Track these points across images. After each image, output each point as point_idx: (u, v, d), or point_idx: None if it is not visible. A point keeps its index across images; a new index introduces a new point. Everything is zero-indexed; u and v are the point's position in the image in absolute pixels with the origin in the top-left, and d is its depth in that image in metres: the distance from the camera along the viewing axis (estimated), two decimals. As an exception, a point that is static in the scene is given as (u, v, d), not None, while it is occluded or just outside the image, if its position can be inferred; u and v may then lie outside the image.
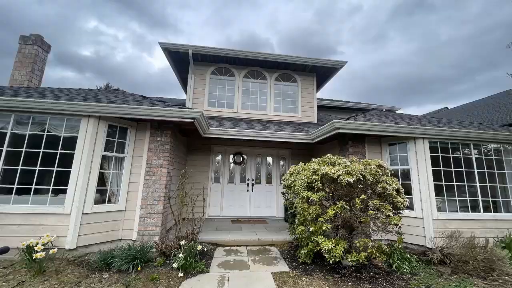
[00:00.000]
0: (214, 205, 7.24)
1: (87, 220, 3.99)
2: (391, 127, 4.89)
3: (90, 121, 4.19)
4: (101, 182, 4.30)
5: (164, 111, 4.41)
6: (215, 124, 6.24)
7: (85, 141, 4.10)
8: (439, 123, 5.74)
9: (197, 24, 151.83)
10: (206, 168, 7.29)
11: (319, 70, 8.40)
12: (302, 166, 4.33)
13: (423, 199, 4.71)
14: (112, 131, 4.49)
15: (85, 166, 4.03)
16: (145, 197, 4.55)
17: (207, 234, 5.10)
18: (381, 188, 3.61)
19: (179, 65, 8.14)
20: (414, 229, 4.68)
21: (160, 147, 4.75)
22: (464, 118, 9.60)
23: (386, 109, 10.68)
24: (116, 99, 5.06)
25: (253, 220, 6.97)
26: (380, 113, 6.97)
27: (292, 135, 6.11)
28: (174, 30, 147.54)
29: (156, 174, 4.64)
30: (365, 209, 3.61)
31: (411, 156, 4.99)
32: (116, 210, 4.38)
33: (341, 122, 4.81)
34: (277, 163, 7.88)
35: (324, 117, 9.55)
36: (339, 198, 3.71)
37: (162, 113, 4.41)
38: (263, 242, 4.95)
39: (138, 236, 4.39)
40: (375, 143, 5.38)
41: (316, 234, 3.57)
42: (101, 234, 4.16)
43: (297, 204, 3.82)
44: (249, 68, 8.30)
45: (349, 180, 3.45)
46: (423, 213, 4.65)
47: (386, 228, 3.54)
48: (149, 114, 4.38)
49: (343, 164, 3.84)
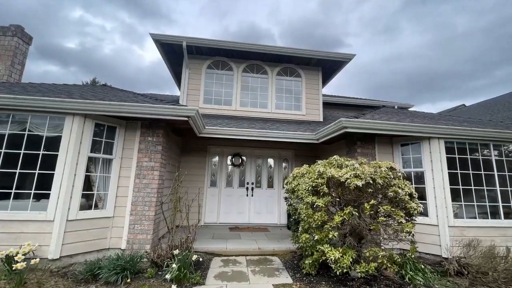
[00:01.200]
0: (210, 211, 7.24)
1: (71, 228, 3.99)
2: (404, 126, 4.90)
3: (75, 120, 4.19)
4: (87, 186, 4.30)
5: (156, 108, 4.41)
6: (211, 123, 6.25)
7: (70, 141, 4.10)
8: (455, 122, 5.74)
9: (192, 14, 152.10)
10: (201, 171, 7.30)
11: (325, 64, 8.41)
12: (307, 169, 4.33)
13: (438, 204, 4.71)
14: (99, 131, 4.49)
15: (70, 168, 4.03)
16: (135, 202, 4.55)
17: (203, 243, 5.10)
18: (392, 193, 3.60)
19: (172, 58, 8.15)
20: (429, 237, 4.68)
21: (151, 148, 4.75)
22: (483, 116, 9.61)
23: (398, 107, 10.68)
24: (103, 95, 5.06)
25: (253, 228, 6.97)
26: (391, 110, 6.98)
27: (295, 134, 6.12)
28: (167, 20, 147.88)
29: (147, 177, 4.64)
30: (375, 215, 3.61)
31: (425, 158, 4.99)
32: (103, 217, 4.38)
33: (349, 121, 4.81)
34: (279, 165, 7.88)
35: (330, 115, 9.56)
36: (347, 203, 3.70)
37: (154, 110, 4.41)
38: (264, 251, 4.95)
39: (127, 244, 4.39)
40: (386, 144, 5.38)
41: (321, 242, 3.57)
42: (87, 243, 4.16)
43: (301, 210, 3.81)
44: (248, 62, 8.31)
45: (357, 184, 3.45)
46: (439, 220, 4.65)
47: (398, 236, 3.54)
48: (139, 112, 4.38)
49: (351, 167, 3.84)
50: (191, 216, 4.77)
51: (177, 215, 4.57)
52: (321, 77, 8.64)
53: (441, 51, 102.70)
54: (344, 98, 11.89)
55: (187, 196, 4.90)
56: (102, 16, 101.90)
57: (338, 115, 9.60)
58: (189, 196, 4.96)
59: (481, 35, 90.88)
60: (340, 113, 10.33)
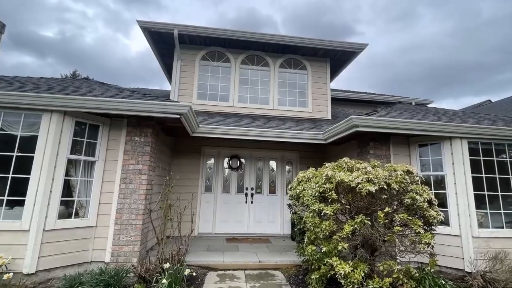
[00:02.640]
0: (205, 219, 7.24)
1: (49, 239, 3.99)
2: (422, 124, 4.90)
3: (53, 117, 4.19)
4: (67, 192, 4.30)
5: (144, 105, 4.42)
6: (206, 121, 6.25)
7: (47, 142, 4.10)
8: (480, 120, 5.75)
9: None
10: (195, 175, 7.30)
11: (334, 55, 8.43)
12: (313, 172, 4.33)
13: (460, 212, 4.71)
14: (80, 130, 4.50)
15: (47, 172, 4.03)
16: (121, 210, 4.55)
17: (197, 255, 5.10)
18: (409, 199, 3.61)
19: (162, 48, 8.17)
20: (450, 249, 4.68)
21: (139, 149, 4.76)
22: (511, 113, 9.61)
23: (415, 103, 10.70)
24: (85, 90, 5.07)
25: (252, 238, 6.97)
26: (408, 107, 6.99)
27: (300, 134, 6.13)
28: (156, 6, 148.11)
29: (134, 182, 4.65)
30: (389, 224, 3.61)
31: (446, 160, 5.00)
32: (85, 226, 4.38)
33: (360, 119, 4.81)
34: (282, 168, 7.88)
35: (339, 112, 9.57)
36: (358, 211, 3.70)
37: (142, 107, 4.42)
38: (265, 265, 4.95)
39: (112, 257, 4.39)
40: (402, 144, 5.38)
41: (329, 255, 3.57)
42: (67, 256, 4.15)
43: (307, 219, 3.82)
44: (248, 53, 8.32)
45: (370, 190, 3.45)
46: (461, 230, 4.65)
47: (416, 248, 3.54)
48: (125, 108, 4.38)
49: (363, 170, 3.84)
50: (184, 225, 4.76)
51: (168, 224, 4.56)
52: (329, 69, 8.65)
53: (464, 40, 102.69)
54: (355, 93, 11.90)
55: (178, 203, 4.89)
56: (84, 0, 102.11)
57: (349, 112, 9.61)
58: (181, 203, 4.96)
59: (508, 22, 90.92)
60: (350, 110, 10.33)
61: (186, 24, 7.43)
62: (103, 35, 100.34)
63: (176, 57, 7.87)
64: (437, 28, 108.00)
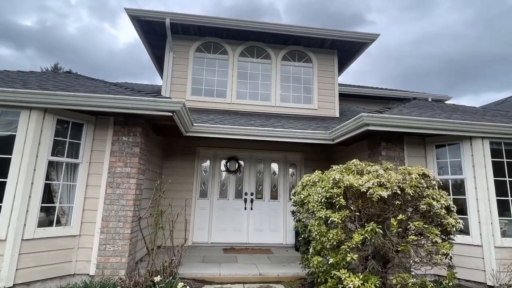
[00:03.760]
0: (200, 228, 7.25)
1: (28, 249, 3.99)
2: (440, 123, 4.91)
3: (33, 115, 4.20)
4: (48, 198, 4.30)
5: (132, 101, 4.42)
6: (201, 119, 6.26)
7: (26, 142, 4.10)
8: (504, 118, 5.75)
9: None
10: (189, 179, 7.31)
11: (342, 46, 8.44)
12: (319, 176, 4.33)
13: (482, 220, 4.71)
14: (63, 129, 4.50)
15: (26, 175, 4.03)
16: (107, 217, 4.55)
17: (191, 267, 5.10)
18: (425, 205, 3.61)
19: (152, 39, 8.18)
20: (470, 261, 4.67)
21: (127, 150, 4.76)
22: (538, 110, 9.61)
23: (432, 99, 10.69)
24: (67, 85, 5.08)
25: (252, 249, 6.98)
26: (424, 104, 7.00)
27: (305, 133, 6.13)
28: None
29: (121, 186, 4.65)
30: (403, 233, 3.61)
31: (465, 162, 5.00)
32: (67, 235, 4.38)
33: (371, 116, 4.82)
34: (285, 171, 7.89)
35: (348, 109, 9.58)
36: (369, 218, 3.71)
37: (130, 104, 4.42)
38: (266, 278, 4.95)
39: (97, 269, 4.38)
40: (417, 145, 5.39)
41: (337, 267, 3.57)
42: (48, 268, 4.15)
43: (312, 227, 3.82)
44: (247, 44, 8.34)
45: (382, 195, 3.45)
46: (482, 239, 4.65)
47: (432, 260, 3.54)
48: (112, 105, 4.38)
49: (374, 173, 3.84)
50: (176, 234, 4.77)
51: (159, 233, 4.56)
52: (337, 62, 8.67)
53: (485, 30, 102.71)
54: (365, 89, 11.92)
55: (171, 210, 4.90)
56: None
57: (358, 109, 9.62)
58: (173, 210, 4.96)
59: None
60: (360, 107, 10.35)
61: (179, 12, 7.46)
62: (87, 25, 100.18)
63: (168, 49, 7.88)
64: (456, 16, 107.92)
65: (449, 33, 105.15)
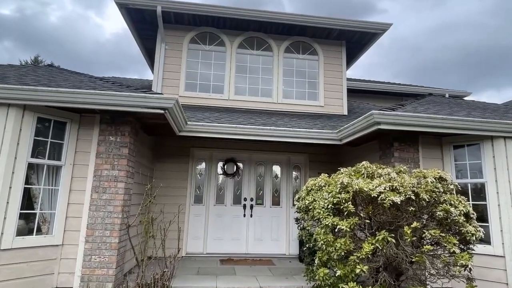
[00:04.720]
0: (194, 237, 7.24)
1: (6, 260, 3.98)
2: (459, 121, 4.91)
3: (11, 112, 4.20)
4: (28, 204, 4.31)
5: (120, 97, 4.42)
6: (196, 117, 6.26)
7: (4, 142, 4.10)
8: (528, 116, 5.74)
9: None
10: (183, 182, 7.30)
11: (351, 37, 8.43)
12: (325, 180, 4.33)
13: (504, 228, 4.70)
14: (44, 128, 4.50)
15: (3, 179, 4.03)
16: (92, 225, 4.54)
17: (185, 280, 5.09)
18: (442, 212, 3.60)
19: (142, 29, 8.18)
20: (491, 273, 4.67)
21: (114, 151, 4.76)
22: None
23: (449, 95, 10.71)
24: (49, 79, 5.08)
25: (252, 260, 6.97)
26: (440, 100, 6.99)
27: (310, 133, 6.13)
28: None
29: (108, 191, 4.65)
30: (418, 243, 3.60)
31: (486, 164, 5.00)
32: (49, 245, 4.38)
33: (383, 114, 4.81)
34: (288, 174, 7.88)
35: (357, 106, 9.58)
36: (380, 226, 3.70)
37: (118, 100, 4.42)
38: (267, 292, 4.94)
39: (82, 283, 4.38)
40: (433, 145, 5.39)
41: (345, 279, 3.56)
42: (27, 281, 4.14)
43: (318, 236, 3.81)
44: (246, 34, 8.34)
45: (394, 200, 3.45)
46: (504, 249, 4.64)
47: (450, 272, 3.54)
48: (98, 102, 4.38)
49: (385, 177, 3.84)
50: (169, 243, 4.77)
51: (150, 243, 4.56)
52: (345, 54, 8.67)
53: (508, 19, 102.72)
54: (376, 84, 11.91)
55: (163, 217, 4.89)
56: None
57: (368, 106, 9.62)
58: (165, 217, 4.96)
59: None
60: (371, 104, 10.34)
61: (172, 0, 7.43)
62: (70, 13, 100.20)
63: (159, 40, 7.87)
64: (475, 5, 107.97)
65: (468, 23, 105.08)
